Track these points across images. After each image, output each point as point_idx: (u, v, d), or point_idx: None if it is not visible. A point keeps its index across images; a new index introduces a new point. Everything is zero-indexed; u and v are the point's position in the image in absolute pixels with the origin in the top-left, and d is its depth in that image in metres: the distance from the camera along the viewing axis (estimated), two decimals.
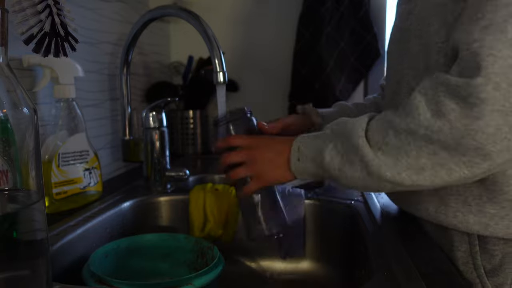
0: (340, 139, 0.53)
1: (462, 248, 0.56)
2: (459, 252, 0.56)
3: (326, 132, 0.56)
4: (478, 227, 0.53)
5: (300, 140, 0.58)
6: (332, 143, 0.53)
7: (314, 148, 0.56)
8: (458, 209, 0.54)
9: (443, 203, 0.55)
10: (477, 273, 0.55)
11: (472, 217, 0.53)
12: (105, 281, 0.48)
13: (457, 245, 0.56)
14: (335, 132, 0.54)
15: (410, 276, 0.46)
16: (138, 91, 1.11)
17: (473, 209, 0.53)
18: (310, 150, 0.56)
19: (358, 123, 0.52)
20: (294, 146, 0.58)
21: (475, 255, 0.54)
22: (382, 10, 1.24)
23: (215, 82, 0.74)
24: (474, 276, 0.55)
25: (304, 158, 0.57)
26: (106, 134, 0.94)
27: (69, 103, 0.70)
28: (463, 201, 0.54)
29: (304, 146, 0.57)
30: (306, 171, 0.57)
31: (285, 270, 0.77)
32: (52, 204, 0.67)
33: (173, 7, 0.82)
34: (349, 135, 0.51)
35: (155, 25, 1.21)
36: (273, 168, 0.60)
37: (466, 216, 0.54)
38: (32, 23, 0.64)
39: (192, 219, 0.76)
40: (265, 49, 1.31)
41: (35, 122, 0.39)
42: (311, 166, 0.56)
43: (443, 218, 0.56)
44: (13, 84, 0.38)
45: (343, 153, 0.52)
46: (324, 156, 0.54)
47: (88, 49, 0.87)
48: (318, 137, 0.57)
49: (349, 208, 0.72)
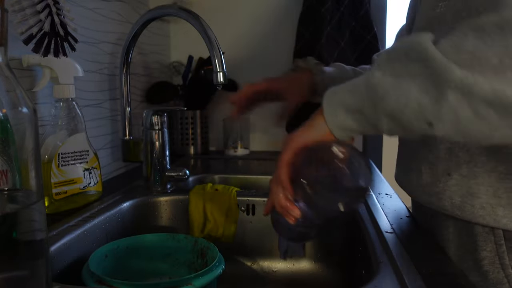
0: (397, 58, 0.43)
1: (488, 247, 0.54)
2: (484, 251, 0.54)
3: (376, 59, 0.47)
4: (507, 220, 0.51)
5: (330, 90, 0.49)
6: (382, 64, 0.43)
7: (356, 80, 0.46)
8: (487, 200, 0.52)
9: (470, 193, 0.53)
10: (505, 273, 0.53)
11: (501, 209, 0.52)
12: (104, 281, 0.48)
13: (482, 245, 0.55)
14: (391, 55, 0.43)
15: (411, 277, 0.46)
16: (138, 91, 1.11)
17: (503, 201, 0.51)
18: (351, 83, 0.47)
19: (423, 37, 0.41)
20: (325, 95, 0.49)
21: (502, 255, 0.53)
22: (382, 10, 1.24)
23: (215, 82, 0.74)
24: (502, 276, 0.53)
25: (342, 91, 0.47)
26: (106, 134, 0.94)
27: (68, 103, 0.70)
28: (493, 192, 0.52)
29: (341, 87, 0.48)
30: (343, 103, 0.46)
31: (285, 270, 0.77)
32: (51, 204, 0.67)
33: (173, 7, 0.81)
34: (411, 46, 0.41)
35: (155, 25, 1.21)
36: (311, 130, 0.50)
37: (495, 208, 0.52)
38: (32, 23, 0.64)
39: (192, 219, 0.76)
40: (265, 49, 1.31)
41: (35, 122, 0.39)
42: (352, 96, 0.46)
43: (468, 209, 0.54)
44: (13, 84, 0.38)
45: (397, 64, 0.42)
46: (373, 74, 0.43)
47: (88, 49, 0.87)
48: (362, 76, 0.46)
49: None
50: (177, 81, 1.31)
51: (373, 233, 0.59)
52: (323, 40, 1.17)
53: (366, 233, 0.60)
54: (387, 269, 0.48)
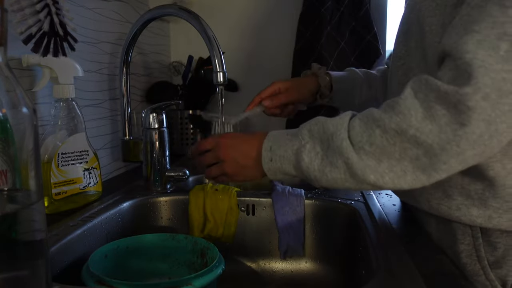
0: (319, 140, 0.52)
1: (466, 241, 0.56)
2: (463, 245, 0.57)
3: (301, 131, 0.54)
4: (482, 219, 0.54)
5: (271, 139, 0.57)
6: (309, 144, 0.52)
7: (288, 148, 0.54)
8: (461, 201, 0.55)
9: (446, 196, 0.56)
10: (480, 265, 0.55)
11: (475, 210, 0.54)
12: (104, 282, 0.48)
13: (460, 238, 0.57)
14: (313, 133, 0.53)
15: (411, 277, 0.46)
16: (138, 91, 1.11)
17: (476, 202, 0.54)
18: (283, 150, 0.55)
19: (340, 123, 0.51)
20: (265, 145, 0.57)
21: (479, 247, 0.55)
22: (382, 10, 1.24)
23: (215, 82, 0.74)
24: (478, 268, 0.55)
25: (278, 158, 0.55)
26: (106, 134, 0.94)
27: (68, 103, 0.70)
28: (466, 194, 0.54)
29: (276, 146, 0.56)
30: (280, 171, 0.56)
31: (285, 270, 0.77)
32: (51, 204, 0.67)
33: (173, 7, 0.81)
34: (331, 137, 0.50)
35: (155, 25, 1.21)
36: (241, 169, 0.60)
37: (470, 209, 0.54)
38: (31, 23, 0.64)
39: (192, 219, 0.76)
40: (265, 49, 1.31)
41: (35, 122, 0.39)
42: (286, 167, 0.55)
43: (445, 211, 0.56)
44: (13, 84, 0.38)
45: (323, 155, 0.51)
46: (302, 158, 0.52)
47: (88, 49, 0.87)
48: (291, 136, 0.55)
49: (349, 208, 0.72)
50: (177, 81, 1.31)
51: (373, 233, 0.59)
52: (323, 40, 1.17)
53: (366, 233, 0.60)
54: (387, 269, 0.48)
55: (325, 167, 0.51)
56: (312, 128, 0.53)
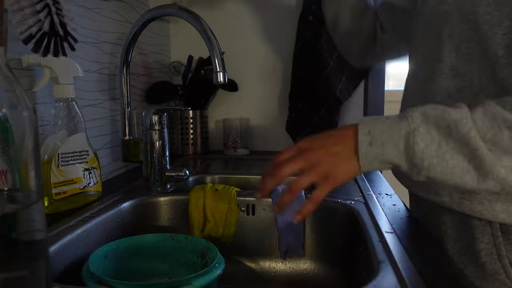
0: (435, 125, 0.46)
1: (485, 239, 0.56)
2: (482, 243, 0.56)
3: (412, 114, 0.48)
4: (505, 215, 0.53)
5: (367, 124, 0.49)
6: (422, 128, 0.46)
7: (393, 132, 0.47)
8: (485, 196, 0.54)
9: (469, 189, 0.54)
10: (501, 263, 0.55)
11: (499, 205, 0.53)
12: (104, 282, 0.48)
13: (479, 237, 0.56)
14: (428, 117, 0.47)
15: (411, 277, 0.46)
16: (138, 91, 1.11)
17: (501, 197, 0.53)
18: (387, 134, 0.48)
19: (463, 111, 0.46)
20: (362, 129, 0.49)
21: (499, 246, 0.54)
22: None
23: (215, 82, 0.74)
24: (498, 266, 0.55)
25: (379, 143, 0.48)
26: (106, 134, 0.94)
27: (68, 103, 0.70)
28: None
29: (376, 130, 0.48)
30: (379, 158, 0.48)
31: (285, 270, 0.77)
32: (51, 204, 0.67)
33: (173, 7, 0.81)
34: (454, 124, 0.45)
35: (155, 25, 1.21)
36: (342, 162, 0.50)
37: (493, 203, 0.53)
38: (31, 23, 0.64)
39: (192, 219, 0.76)
40: (265, 49, 1.31)
41: (35, 122, 0.39)
42: (389, 153, 0.48)
43: (467, 204, 0.55)
44: (13, 84, 0.38)
45: (441, 140, 0.46)
46: (416, 141, 0.46)
47: (88, 49, 0.87)
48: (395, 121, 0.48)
49: (349, 208, 0.72)
50: (177, 81, 1.31)
51: (373, 233, 0.59)
52: (323, 40, 1.17)
53: (366, 233, 0.60)
54: (387, 269, 0.48)
55: (445, 153, 0.46)
56: (428, 112, 0.47)
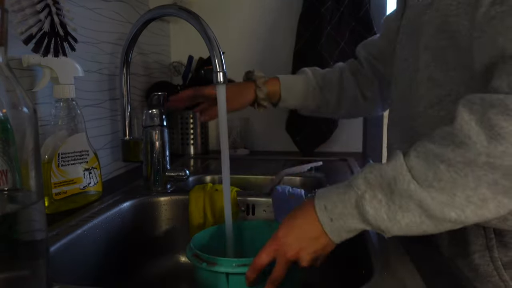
0: (378, 187, 0.46)
1: (478, 241, 0.56)
2: (475, 246, 0.56)
3: (355, 181, 0.48)
4: (496, 221, 0.53)
5: (322, 198, 0.51)
6: (367, 193, 0.47)
7: (346, 203, 0.48)
8: None
9: None
10: (494, 265, 0.55)
11: None
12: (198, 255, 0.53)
13: (473, 239, 0.56)
14: (369, 180, 0.47)
15: (411, 277, 0.46)
16: (138, 91, 1.11)
17: None
18: (341, 206, 0.48)
19: (397, 165, 0.46)
20: (318, 206, 0.50)
21: (492, 248, 0.55)
22: (382, 10, 1.24)
23: (215, 82, 0.74)
24: (491, 268, 0.55)
25: (337, 216, 0.49)
26: (106, 134, 0.94)
27: (68, 103, 0.70)
28: None
29: (331, 204, 0.49)
30: (344, 229, 0.49)
31: None
32: (51, 204, 0.67)
33: (173, 7, 0.81)
34: (393, 181, 0.45)
35: (155, 25, 1.21)
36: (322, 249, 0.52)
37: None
38: (31, 23, 0.64)
39: (192, 219, 0.76)
40: (265, 49, 1.31)
41: (35, 122, 0.39)
42: (350, 223, 0.48)
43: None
44: (13, 84, 0.38)
45: (388, 201, 0.46)
46: (366, 210, 0.46)
47: (88, 49, 0.87)
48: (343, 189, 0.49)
49: None
50: (177, 81, 1.31)
51: (373, 233, 0.59)
52: (323, 40, 1.17)
53: (366, 233, 0.60)
54: (386, 269, 0.48)
55: (395, 214, 0.45)
56: (368, 176, 0.48)
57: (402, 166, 0.45)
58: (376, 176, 0.47)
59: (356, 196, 0.47)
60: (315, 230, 0.50)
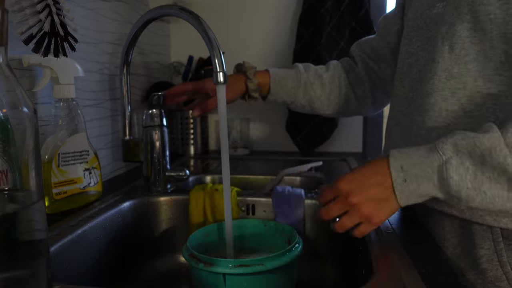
0: (467, 155, 0.45)
1: (486, 245, 0.54)
2: (482, 249, 0.55)
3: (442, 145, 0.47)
4: (508, 219, 0.52)
5: (399, 158, 0.49)
6: (454, 159, 0.46)
7: (426, 165, 0.47)
8: None
9: None
10: (503, 270, 0.54)
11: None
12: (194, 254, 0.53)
13: (480, 243, 0.55)
14: (459, 147, 0.46)
15: (411, 277, 0.46)
16: (138, 91, 1.11)
17: None
18: (420, 168, 0.47)
19: (495, 137, 0.45)
20: (394, 165, 0.49)
21: (500, 252, 0.53)
22: (382, 10, 1.24)
23: (215, 82, 0.74)
24: (500, 273, 0.54)
25: (413, 178, 0.48)
26: (106, 134, 0.94)
27: (69, 103, 0.70)
28: None
29: (409, 164, 0.48)
30: (416, 193, 0.48)
31: None
32: (52, 204, 0.67)
33: (173, 8, 0.81)
34: (488, 152, 0.44)
35: (155, 25, 1.21)
36: (381, 206, 0.52)
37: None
38: (32, 23, 0.64)
39: (192, 219, 0.76)
40: (265, 49, 1.31)
41: (35, 122, 0.39)
42: (425, 187, 0.48)
43: (467, 210, 0.54)
44: (13, 84, 0.38)
45: (476, 170, 0.45)
46: (449, 175, 0.45)
47: (88, 49, 0.87)
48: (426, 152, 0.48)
49: None
50: (177, 81, 1.31)
51: (373, 233, 0.59)
52: (323, 40, 1.17)
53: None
54: (386, 269, 0.48)
55: (481, 184, 0.45)
56: (459, 142, 0.46)
57: (500, 139, 0.44)
58: (469, 143, 0.46)
59: (440, 161, 0.46)
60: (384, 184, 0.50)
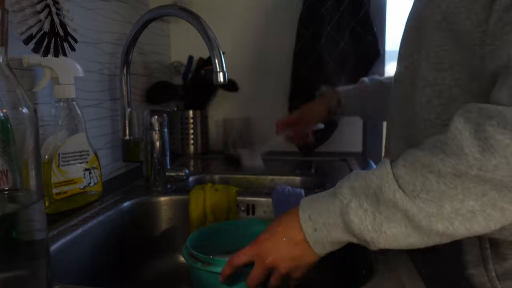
0: (364, 195, 0.45)
1: (473, 252, 0.54)
2: (469, 256, 0.55)
3: (340, 190, 0.47)
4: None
5: (306, 207, 0.49)
6: (353, 202, 0.45)
7: (330, 212, 0.47)
8: None
9: None
10: (488, 277, 0.53)
11: None
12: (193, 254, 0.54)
13: (467, 249, 0.55)
14: (355, 189, 0.46)
15: (411, 277, 0.46)
16: (138, 91, 1.11)
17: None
18: (326, 216, 0.47)
19: (384, 173, 0.44)
20: (302, 216, 0.49)
21: (487, 259, 0.53)
22: (382, 10, 1.24)
23: (215, 82, 0.74)
24: (485, 280, 0.53)
25: (321, 226, 0.48)
26: (106, 134, 0.94)
27: (69, 103, 0.70)
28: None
29: (315, 213, 0.48)
30: (328, 240, 0.48)
31: None
32: (52, 204, 0.67)
33: (173, 8, 0.81)
34: (379, 190, 0.44)
35: (155, 25, 1.21)
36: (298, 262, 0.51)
37: None
38: (31, 23, 0.64)
39: (192, 219, 0.76)
40: (265, 49, 1.31)
41: (35, 122, 0.39)
42: (334, 234, 0.47)
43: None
44: (13, 84, 0.38)
45: (374, 211, 0.44)
46: (350, 219, 0.45)
47: (88, 49, 0.87)
48: (328, 198, 0.48)
49: None
50: (177, 81, 1.31)
51: None
52: (323, 40, 1.17)
53: None
54: (386, 269, 0.48)
55: (381, 225, 0.44)
56: (353, 184, 0.46)
57: (389, 175, 0.44)
58: (362, 184, 0.45)
59: (341, 205, 0.46)
60: (297, 239, 0.49)
